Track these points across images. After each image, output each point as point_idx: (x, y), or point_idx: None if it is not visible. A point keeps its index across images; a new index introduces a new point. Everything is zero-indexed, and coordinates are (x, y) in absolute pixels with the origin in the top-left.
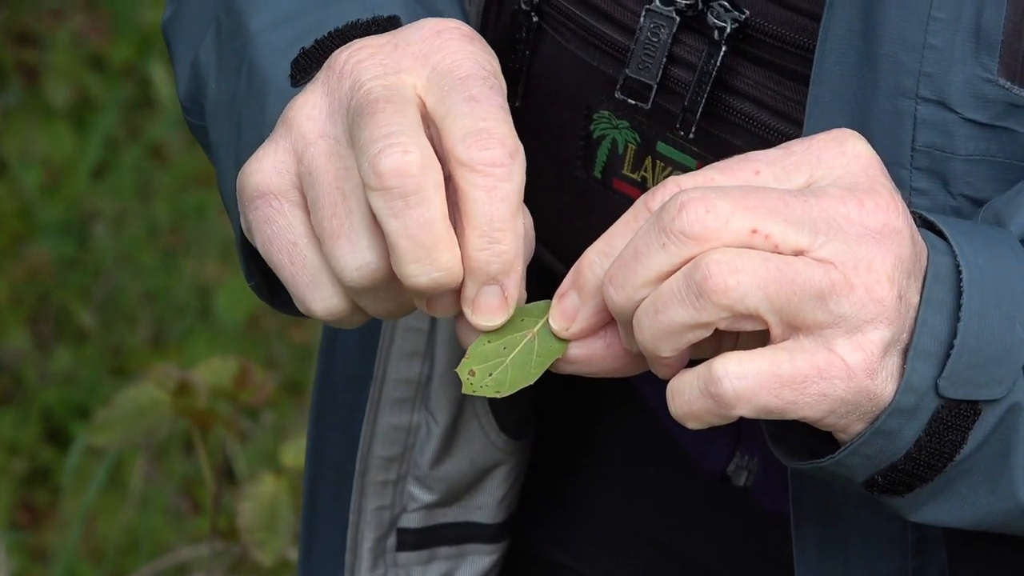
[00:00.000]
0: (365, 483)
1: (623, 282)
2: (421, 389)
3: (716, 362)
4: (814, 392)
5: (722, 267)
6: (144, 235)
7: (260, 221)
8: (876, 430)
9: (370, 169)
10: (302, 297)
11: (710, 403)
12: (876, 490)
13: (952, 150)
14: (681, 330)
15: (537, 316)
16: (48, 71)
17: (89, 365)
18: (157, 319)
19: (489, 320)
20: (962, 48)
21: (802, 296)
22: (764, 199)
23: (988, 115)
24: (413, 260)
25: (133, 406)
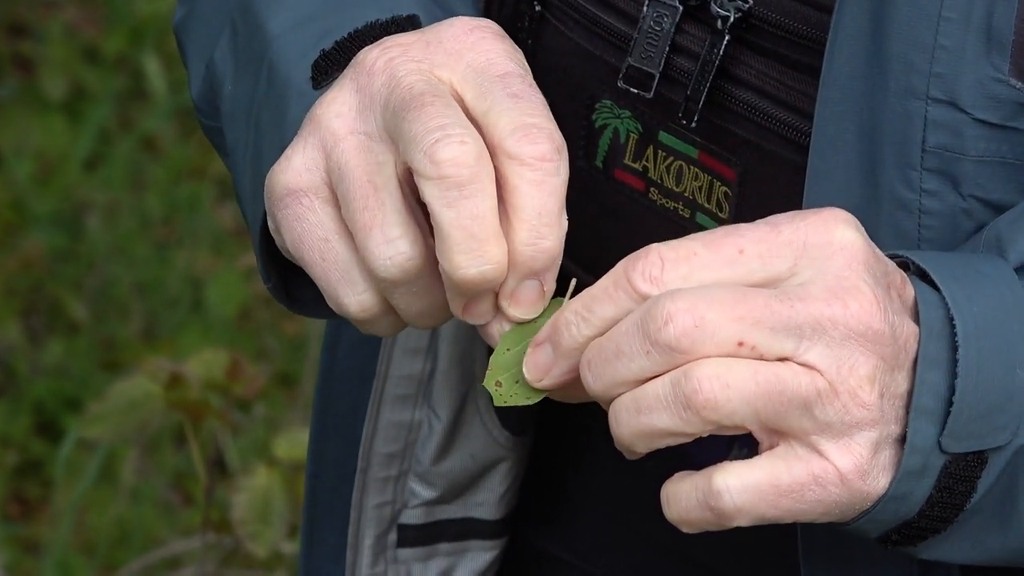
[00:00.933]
0: (366, 479)
1: (602, 374)
2: (423, 385)
3: (716, 476)
4: (811, 499)
5: (713, 383)
6: (136, 227)
7: (290, 219)
8: (889, 497)
9: (426, 158)
10: (334, 294)
11: (708, 515)
12: (890, 544)
13: (963, 151)
14: (661, 435)
15: (551, 314)
16: (42, 63)
17: (81, 357)
18: (149, 311)
19: (526, 313)
20: (973, 48)
21: (789, 407)
22: (751, 308)
23: (999, 115)
24: (464, 251)
25: (125, 399)
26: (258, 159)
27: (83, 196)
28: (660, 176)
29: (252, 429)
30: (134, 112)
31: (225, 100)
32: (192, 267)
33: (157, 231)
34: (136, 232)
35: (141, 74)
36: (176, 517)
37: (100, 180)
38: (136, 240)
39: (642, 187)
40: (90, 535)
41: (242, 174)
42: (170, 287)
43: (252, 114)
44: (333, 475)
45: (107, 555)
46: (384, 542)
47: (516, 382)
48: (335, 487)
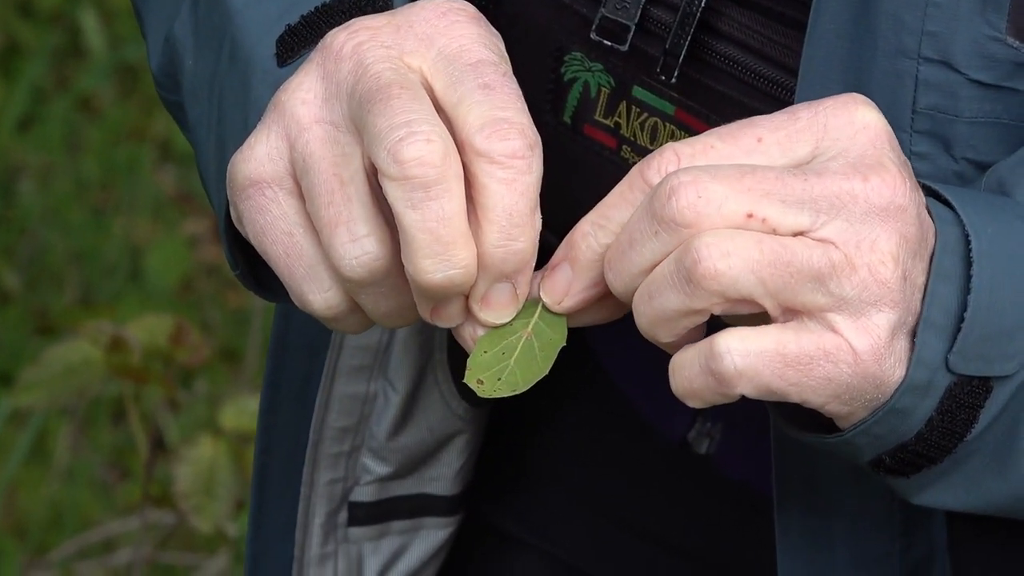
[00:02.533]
0: (318, 455)
1: (620, 269)
2: (380, 356)
3: (718, 337)
4: (819, 375)
5: (712, 250)
6: (72, 191)
7: (252, 211)
8: (890, 409)
9: (390, 157)
10: (298, 291)
11: (711, 380)
12: (882, 470)
13: (956, 112)
14: (675, 316)
15: (527, 315)
16: None
17: (12, 329)
18: (85, 280)
19: (498, 317)
20: (968, 5)
21: (799, 278)
22: (760, 180)
23: (994, 75)
24: (430, 255)
25: (62, 364)
26: (222, 143)
27: (15, 158)
28: (633, 133)
29: (193, 407)
30: (70, 70)
31: (186, 75)
32: (131, 234)
33: (94, 196)
34: (72, 197)
35: (78, 30)
36: (113, 497)
37: (34, 141)
38: (71, 205)
39: (614, 144)
40: (20, 516)
41: (206, 154)
42: (107, 255)
43: (214, 92)
44: (284, 450)
45: (39, 538)
46: (334, 520)
47: (498, 379)
48: (286, 462)
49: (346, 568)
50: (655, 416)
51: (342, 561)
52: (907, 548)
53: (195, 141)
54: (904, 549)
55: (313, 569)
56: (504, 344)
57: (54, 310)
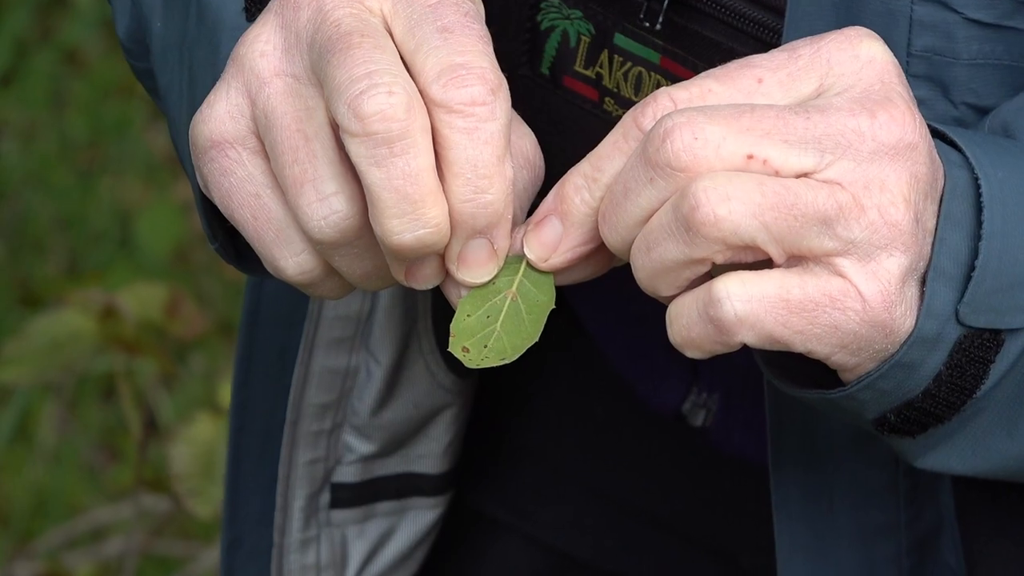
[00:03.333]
0: (296, 433)
1: (616, 222)
2: (361, 326)
3: (717, 282)
4: (825, 323)
5: (711, 195)
6: (57, 151)
7: (216, 173)
8: (896, 362)
9: (350, 112)
10: (269, 255)
11: (710, 328)
12: (887, 429)
13: (953, 54)
14: (675, 267)
15: (511, 273)
16: None
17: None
18: (71, 248)
19: (477, 276)
20: None
21: (804, 222)
22: (760, 119)
23: (994, 14)
24: (397, 215)
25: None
26: (194, 108)
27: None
28: (616, 84)
29: (189, 383)
30: (54, 21)
31: (155, 39)
32: (120, 198)
33: (80, 157)
34: (56, 157)
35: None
36: (102, 481)
37: (15, 98)
38: (56, 167)
39: (596, 97)
40: (2, 503)
41: (178, 120)
42: (95, 221)
43: (184, 55)
44: (259, 429)
45: (22, 525)
46: (316, 503)
47: (485, 346)
48: (262, 443)
49: (330, 554)
50: (646, 387)
51: (325, 546)
52: (914, 518)
53: (167, 108)
54: (911, 519)
55: (294, 555)
56: (488, 306)
57: (38, 279)
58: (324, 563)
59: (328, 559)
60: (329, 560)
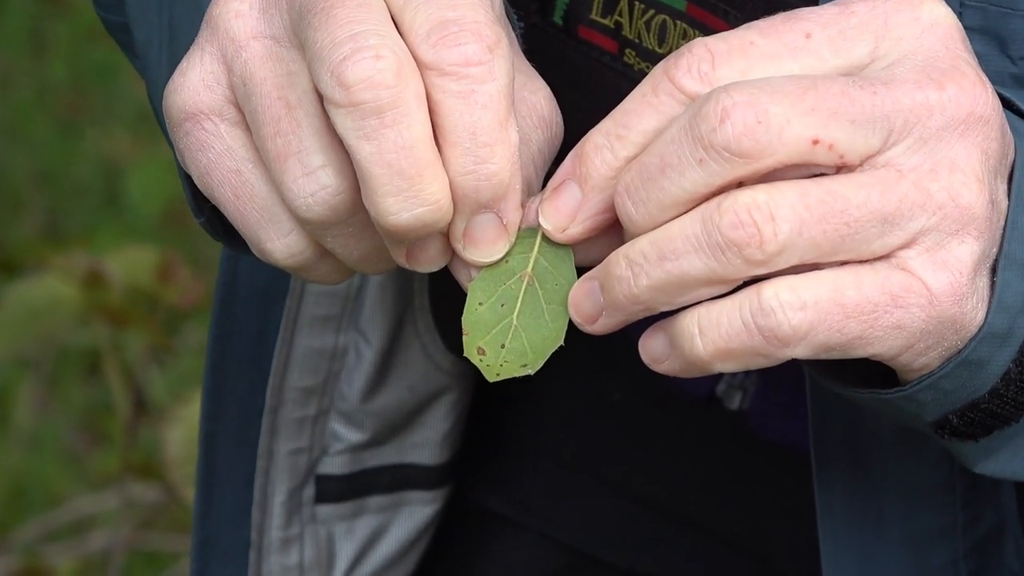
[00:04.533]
0: (277, 421)
1: (646, 199)
2: (350, 304)
3: (766, 290)
4: (887, 324)
5: (754, 213)
6: (35, 99)
7: (193, 148)
8: (962, 360)
9: (333, 80)
10: (254, 237)
11: (757, 341)
12: (947, 433)
13: (1011, 4)
14: (693, 284)
15: (525, 249)
16: None
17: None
18: (52, 206)
19: (487, 255)
20: None
21: (859, 227)
22: (824, 96)
23: None
24: (392, 192)
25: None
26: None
27: None
28: (638, 34)
29: (183, 358)
30: None
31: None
32: (106, 151)
33: (62, 105)
34: (36, 106)
35: None
36: (85, 468)
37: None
38: (36, 116)
39: (615, 48)
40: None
41: (157, 81)
42: (78, 176)
43: (164, 9)
44: (235, 416)
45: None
46: (299, 498)
47: (502, 346)
48: (238, 431)
49: (315, 554)
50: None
51: (309, 546)
52: (972, 520)
53: (144, 67)
54: (968, 522)
55: (274, 556)
56: (502, 291)
57: (14, 241)
58: (308, 563)
59: (313, 559)
60: (314, 560)
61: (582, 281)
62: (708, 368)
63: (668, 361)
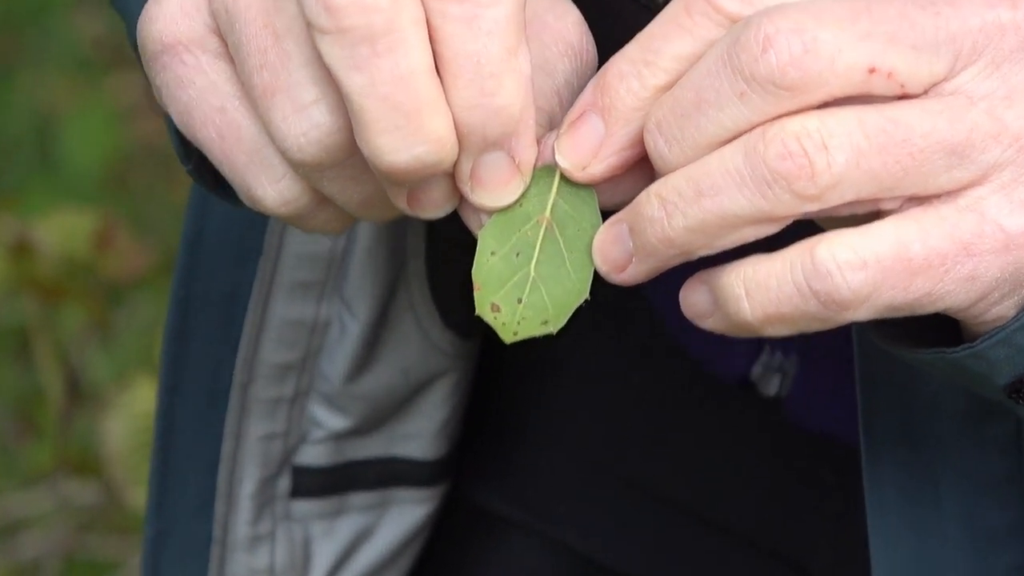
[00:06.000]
0: (248, 399)
1: (680, 136)
2: (334, 269)
3: (819, 247)
4: (958, 277)
5: (805, 142)
6: None
7: (172, 84)
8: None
9: (318, 4)
10: (242, 183)
11: (812, 304)
12: (1021, 397)
13: None
14: (735, 223)
15: (542, 191)
16: None
17: None
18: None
19: (497, 198)
20: None
21: (925, 159)
22: (880, 20)
23: None
24: (387, 129)
25: None
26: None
27: None
28: None
29: (125, 338)
30: None
31: None
32: (39, 100)
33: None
34: None
35: None
36: (15, 463)
37: None
38: None
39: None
40: None
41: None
42: (8, 128)
43: None
44: (199, 391)
45: None
46: (271, 490)
47: (519, 301)
48: (202, 409)
49: (288, 555)
50: (704, 346)
51: (282, 545)
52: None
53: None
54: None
55: (240, 555)
56: (517, 239)
57: None
58: (280, 567)
59: (286, 562)
60: (287, 563)
61: (608, 225)
62: (757, 332)
63: (713, 318)
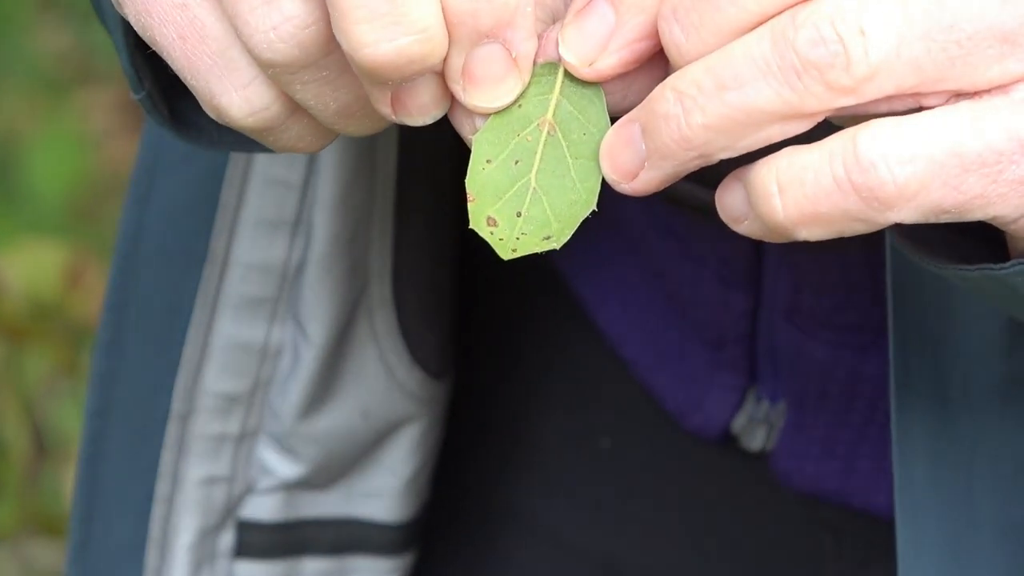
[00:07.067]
0: (187, 433)
1: (699, 23)
2: (288, 285)
3: (863, 135)
4: (1013, 178)
5: (839, 26)
6: None
7: None
8: None
9: None
10: (206, 91)
11: (853, 201)
12: None
13: None
14: (760, 120)
15: (543, 91)
16: None
17: None
18: None
19: (492, 97)
20: None
21: (973, 48)
22: None
23: None
24: (367, 18)
25: None
26: None
27: None
28: None
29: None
30: None
31: None
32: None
33: None
34: None
35: None
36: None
37: None
38: None
39: None
40: None
41: None
42: None
43: None
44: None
45: None
46: (212, 545)
47: (518, 214)
48: (134, 441)
49: None
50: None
51: None
52: None
53: None
54: None
55: None
56: (515, 145)
57: None
58: None
59: None
60: None
61: (618, 126)
62: (792, 234)
63: (748, 221)
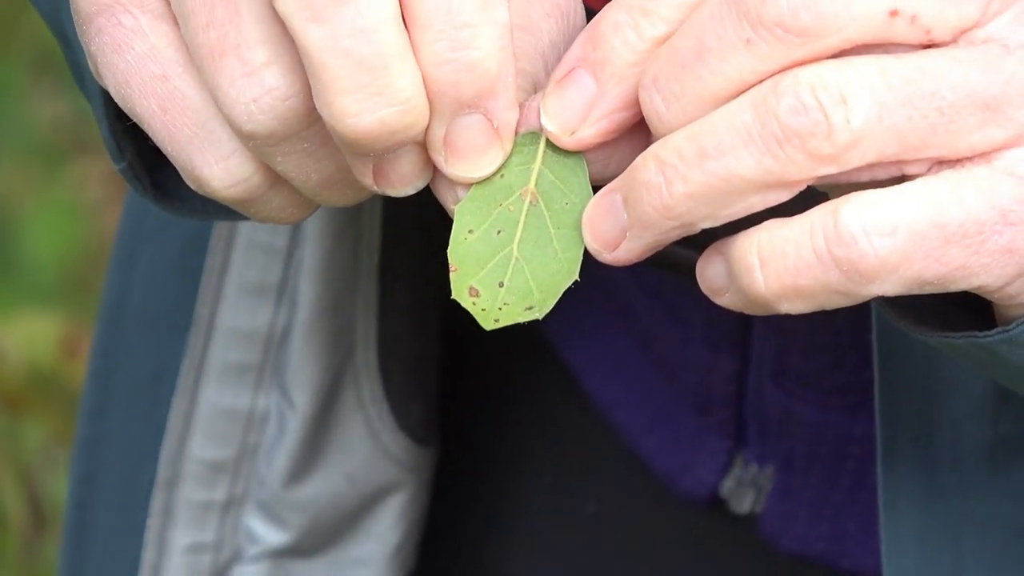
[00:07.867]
0: (173, 501)
1: (679, 92)
2: (273, 351)
3: (844, 209)
4: (995, 248)
5: (820, 95)
6: None
7: (108, 50)
8: None
9: None
10: (186, 162)
11: (834, 275)
12: None
13: None
14: (742, 189)
15: (525, 160)
16: None
17: None
18: None
19: (474, 167)
20: None
21: (955, 115)
22: None
23: None
24: (349, 89)
25: None
26: None
27: None
28: None
29: None
30: None
31: None
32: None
33: None
34: None
35: None
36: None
37: None
38: None
39: None
40: None
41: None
42: None
43: None
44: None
45: None
46: None
47: (500, 284)
48: (120, 507)
49: None
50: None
51: None
52: None
53: None
54: None
55: None
56: (498, 215)
57: None
58: None
59: None
60: None
61: (600, 195)
62: (773, 307)
63: (729, 294)
